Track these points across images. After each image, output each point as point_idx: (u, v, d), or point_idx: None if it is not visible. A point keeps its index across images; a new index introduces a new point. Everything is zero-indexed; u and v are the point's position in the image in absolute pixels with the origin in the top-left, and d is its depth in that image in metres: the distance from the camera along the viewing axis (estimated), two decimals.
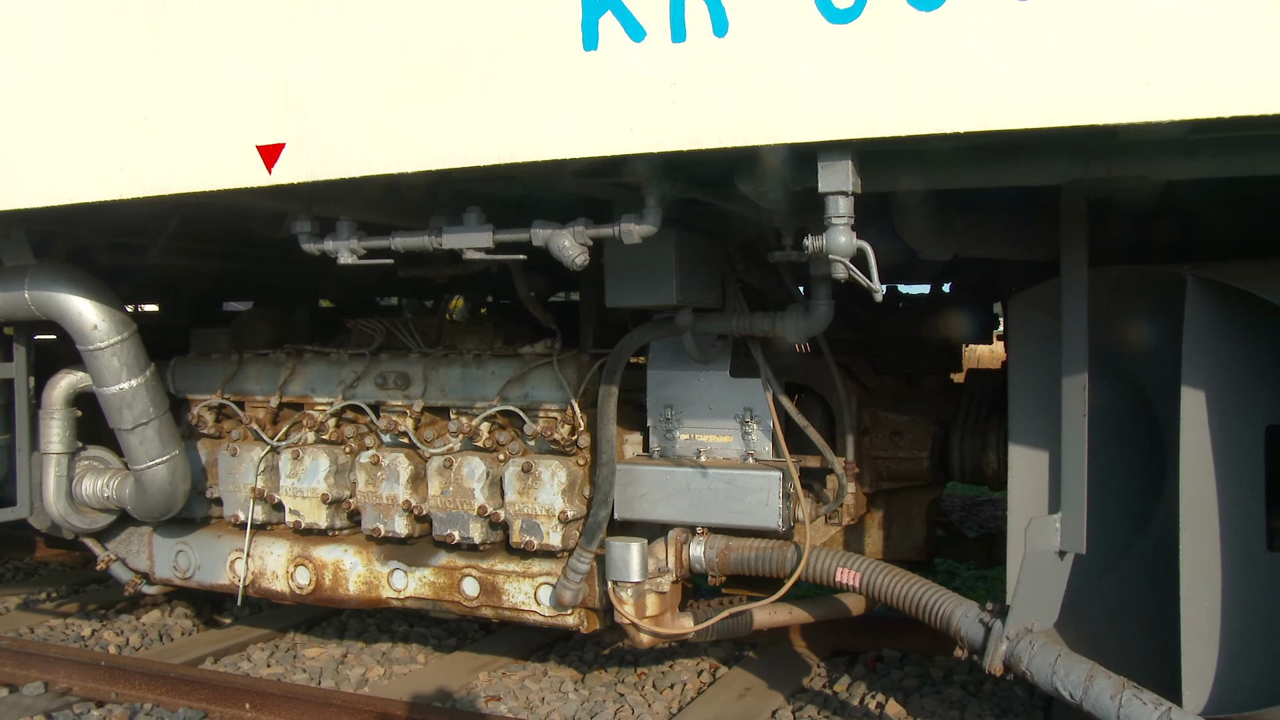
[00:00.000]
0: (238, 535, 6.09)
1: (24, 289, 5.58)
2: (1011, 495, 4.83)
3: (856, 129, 3.21)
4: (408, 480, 5.56)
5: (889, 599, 4.78)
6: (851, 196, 3.39)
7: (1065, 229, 4.37)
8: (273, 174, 4.01)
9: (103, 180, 4.39)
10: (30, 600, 8.10)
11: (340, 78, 3.86)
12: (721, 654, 6.60)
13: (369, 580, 5.76)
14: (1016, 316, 4.88)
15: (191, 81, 4.18)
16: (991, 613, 4.50)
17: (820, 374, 5.59)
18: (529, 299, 5.65)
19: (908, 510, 6.06)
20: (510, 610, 5.44)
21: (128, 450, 5.76)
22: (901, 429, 5.81)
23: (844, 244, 3.38)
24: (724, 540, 5.17)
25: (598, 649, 6.73)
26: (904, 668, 6.34)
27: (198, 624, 7.47)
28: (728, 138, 3.32)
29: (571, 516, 5.21)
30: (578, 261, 3.99)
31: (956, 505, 11.32)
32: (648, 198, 3.87)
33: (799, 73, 3.25)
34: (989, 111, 3.07)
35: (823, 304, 4.59)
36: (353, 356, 5.94)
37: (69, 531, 6.31)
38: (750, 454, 5.11)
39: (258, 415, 6.11)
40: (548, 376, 5.37)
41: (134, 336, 5.62)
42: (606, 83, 3.46)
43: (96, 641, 7.11)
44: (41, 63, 4.54)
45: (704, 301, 4.88)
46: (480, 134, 3.62)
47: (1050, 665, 4.25)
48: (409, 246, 4.28)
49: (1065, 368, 4.37)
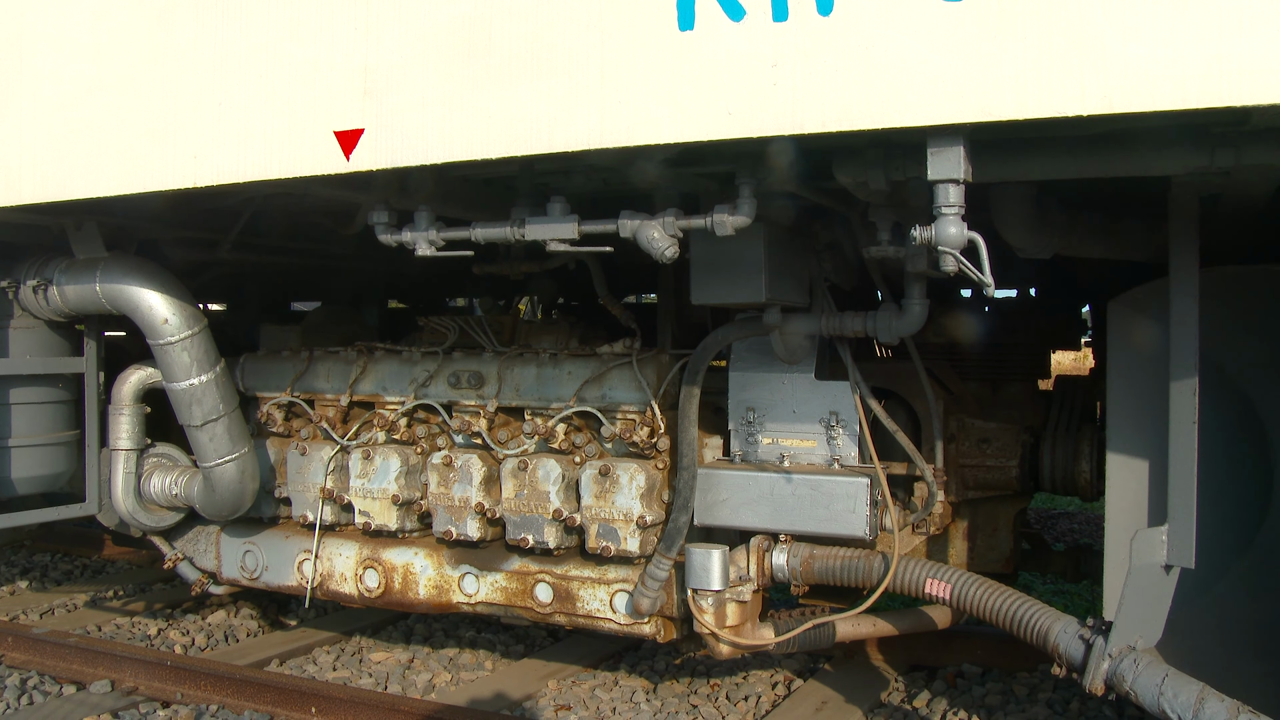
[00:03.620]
0: (306, 536, 5.99)
1: (95, 282, 5.53)
2: (1109, 507, 4.65)
3: (970, 113, 3.03)
4: (481, 482, 5.43)
5: (981, 612, 4.59)
6: (962, 185, 3.21)
7: (1175, 226, 4.16)
8: (351, 160, 3.88)
9: (177, 168, 4.29)
10: (98, 598, 8.09)
11: (422, 59, 3.72)
12: (796, 666, 6.43)
13: (439, 584, 5.63)
14: (1116, 320, 4.68)
15: (267, 65, 4.07)
16: (1092, 629, 4.29)
17: (906, 378, 5.42)
18: (607, 296, 5.50)
19: (994, 521, 5.86)
20: (584, 617, 5.29)
21: (197, 447, 5.68)
22: (989, 436, 5.62)
23: (954, 235, 3.20)
24: (808, 548, 5.00)
25: (669, 659, 6.57)
26: (986, 684, 6.14)
27: (263, 625, 7.40)
28: (832, 122, 3.15)
29: (650, 521, 5.05)
30: (667, 254, 3.84)
31: (1032, 517, 11.05)
32: (742, 187, 3.71)
33: (908, 52, 3.08)
34: (1115, 93, 2.88)
35: (917, 303, 4.42)
36: (425, 355, 5.81)
37: (136, 529, 6.25)
38: (835, 459, 4.94)
39: (327, 414, 6.00)
40: (626, 377, 5.21)
41: (204, 331, 5.55)
42: (703, 64, 3.30)
43: (163, 641, 7.06)
44: (114, 50, 4.46)
45: (791, 300, 4.71)
46: (569, 117, 3.47)
47: (1157, 685, 4.04)
48: (490, 238, 4.14)
49: (1174, 373, 4.16)
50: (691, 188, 4.41)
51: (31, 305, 5.78)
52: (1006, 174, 3.54)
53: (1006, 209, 4.18)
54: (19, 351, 5.81)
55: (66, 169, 4.62)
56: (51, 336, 5.95)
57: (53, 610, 7.84)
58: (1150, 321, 4.54)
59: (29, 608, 7.86)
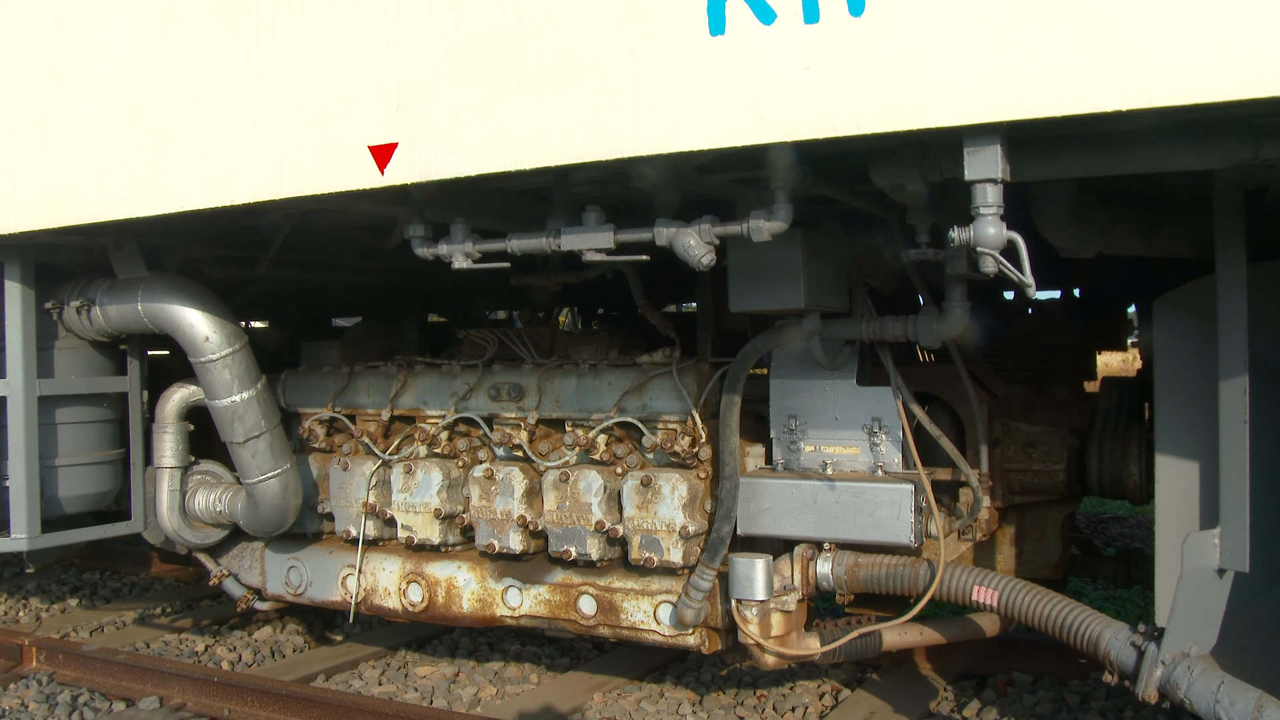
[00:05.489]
0: (349, 551, 5.99)
1: (137, 301, 5.57)
2: (1160, 510, 4.56)
3: (1006, 110, 2.99)
4: (522, 495, 5.41)
5: (1029, 619, 4.51)
6: (1000, 185, 3.15)
7: (1220, 222, 4.08)
8: (385, 175, 3.88)
9: (214, 187, 4.32)
10: (146, 615, 8.14)
11: (454, 71, 3.72)
12: (843, 676, 6.35)
13: (483, 598, 5.61)
14: (1162, 319, 4.59)
15: (301, 82, 4.09)
16: (1144, 635, 4.20)
17: (948, 382, 5.33)
18: (646, 306, 5.47)
19: (1041, 526, 5.76)
20: (629, 629, 5.26)
21: (240, 464, 5.70)
22: (1035, 440, 5.53)
23: (993, 235, 3.15)
24: (852, 556, 4.93)
25: (715, 670, 6.52)
26: (1037, 692, 6.04)
27: (309, 641, 7.41)
28: (867, 124, 3.11)
29: (693, 532, 5.01)
30: (704, 261, 3.80)
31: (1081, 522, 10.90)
32: (777, 192, 3.67)
33: (942, 51, 3.04)
34: (1155, 87, 2.82)
35: (958, 305, 4.36)
36: (465, 368, 5.81)
37: (182, 546, 6.28)
38: (879, 466, 4.88)
39: (369, 429, 6.01)
40: (667, 386, 5.18)
41: (245, 349, 5.57)
42: (735, 68, 3.27)
43: (210, 657, 7.08)
44: (150, 71, 4.50)
45: (831, 305, 4.67)
46: (601, 127, 3.46)
47: (1213, 693, 3.95)
48: (526, 249, 4.12)
49: (1223, 372, 4.07)
50: (728, 194, 4.38)
51: (75, 326, 5.83)
52: (1045, 172, 3.49)
53: (1046, 207, 4.12)
54: (64, 372, 5.85)
55: (104, 190, 4.66)
56: (95, 356, 6.00)
57: (102, 627, 7.91)
58: (1197, 320, 4.46)
59: (79, 625, 7.93)
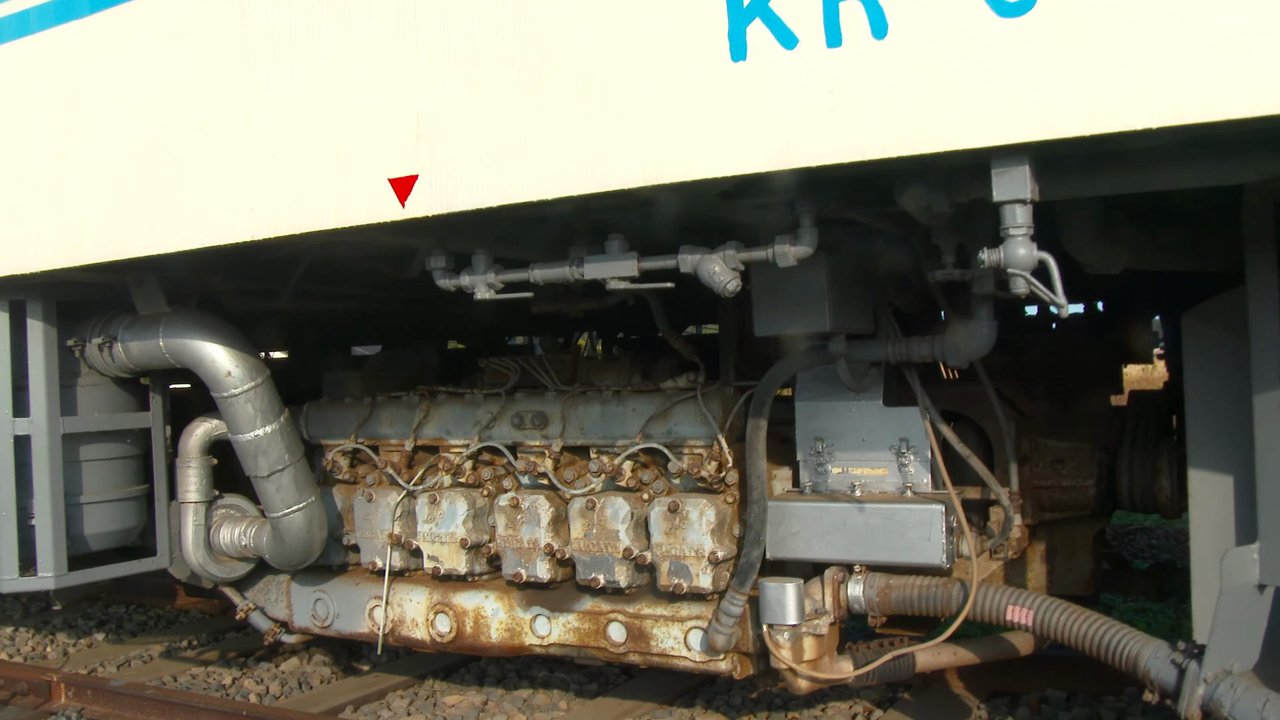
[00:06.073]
0: (375, 582, 5.97)
1: (159, 337, 5.57)
2: (1194, 525, 4.51)
3: (1034, 131, 2.95)
4: (549, 523, 5.38)
5: (1065, 638, 4.46)
6: (1030, 205, 3.12)
7: (1249, 235, 4.03)
8: (406, 207, 3.87)
9: (234, 222, 4.32)
10: (172, 648, 8.11)
11: (473, 102, 3.71)
12: (874, 696, 6.29)
13: (511, 627, 5.57)
14: (1191, 333, 4.55)
15: (319, 115, 4.09)
16: (1184, 652, 4.14)
17: (975, 400, 5.28)
18: (669, 331, 5.43)
19: (1072, 542, 5.70)
20: (659, 656, 5.21)
21: (264, 498, 5.68)
22: (1064, 456, 5.47)
23: (1024, 256, 3.12)
24: (884, 578, 4.88)
25: (745, 693, 6.46)
26: (1071, 709, 5.97)
27: (336, 671, 7.37)
28: (894, 147, 3.08)
29: (722, 557, 4.97)
30: (730, 288, 3.77)
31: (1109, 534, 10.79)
32: (802, 216, 3.64)
33: (967, 72, 3.01)
34: (1186, 104, 2.79)
35: (985, 324, 4.32)
36: (488, 397, 5.78)
37: (208, 581, 6.26)
38: (908, 487, 4.84)
39: (392, 459, 5.99)
40: (692, 411, 5.15)
41: (267, 382, 5.56)
42: (758, 94, 3.25)
43: (238, 690, 7.05)
44: (168, 108, 4.50)
45: (856, 327, 4.63)
46: (623, 155, 3.44)
47: (1258, 710, 3.89)
48: (549, 278, 4.10)
49: (1257, 386, 4.03)
50: (750, 219, 4.34)
51: (98, 362, 5.83)
52: (1073, 191, 3.45)
53: (1073, 225, 4.08)
54: (87, 409, 5.85)
55: (125, 227, 4.66)
56: (118, 392, 6.00)
57: (129, 662, 7.87)
58: (1227, 333, 4.42)
59: (106, 660, 7.90)
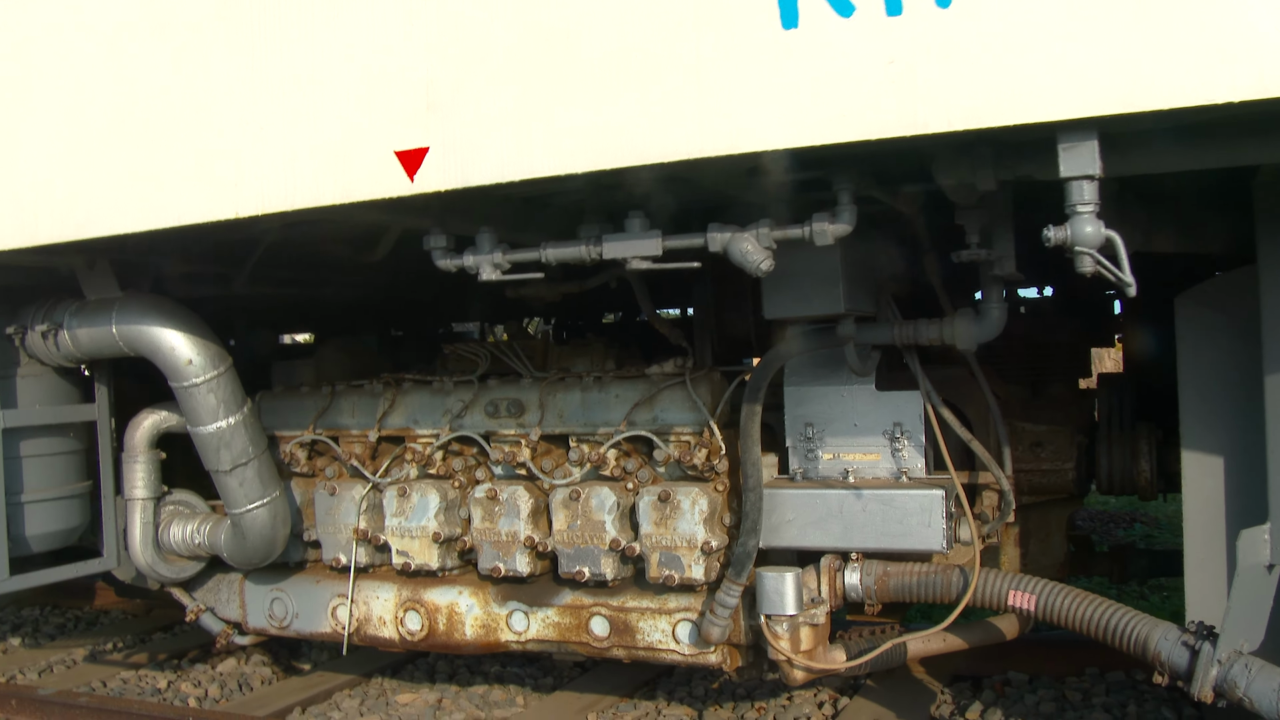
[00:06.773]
0: (338, 579, 5.71)
1: (111, 324, 5.23)
2: (1187, 507, 4.56)
3: (1107, 104, 2.87)
4: (529, 515, 5.19)
5: (1069, 622, 4.42)
6: (1097, 181, 3.04)
7: (1262, 217, 4.03)
8: (415, 182, 3.64)
9: (216, 198, 4.04)
10: (97, 651, 7.72)
11: (494, 67, 3.49)
12: (838, 683, 6.22)
13: (486, 623, 5.38)
14: (1185, 316, 4.56)
15: (314, 81, 3.82)
16: (1195, 634, 4.13)
17: (956, 384, 5.23)
18: (654, 315, 5.28)
19: (1046, 525, 5.72)
20: (645, 650, 5.07)
21: (226, 493, 5.40)
22: (1042, 439, 5.48)
23: (1091, 234, 3.03)
24: (881, 566, 4.81)
25: (706, 683, 6.36)
26: (1037, 691, 5.98)
27: (277, 671, 7.08)
28: (959, 120, 2.97)
29: (715, 547, 4.84)
30: (763, 267, 3.62)
31: None
32: (841, 194, 3.52)
33: (1036, 42, 2.92)
34: (1271, 76, 2.72)
35: (996, 307, 4.27)
36: (458, 384, 5.55)
37: (155, 582, 5.94)
38: (902, 472, 4.77)
39: (354, 450, 5.73)
40: (679, 397, 5.00)
41: (230, 371, 5.28)
42: (811, 64, 3.11)
43: (175, 694, 6.73)
44: (137, 74, 4.19)
45: (865, 310, 4.53)
46: (664, 126, 3.27)
47: (1274, 690, 3.90)
48: (562, 257, 3.91)
49: (1268, 368, 4.03)
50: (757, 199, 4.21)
51: (39, 351, 5.46)
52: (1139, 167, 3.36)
53: None
54: (28, 401, 5.49)
55: (87, 205, 4.34)
56: (60, 383, 5.64)
57: (51, 668, 7.46)
58: (1218, 316, 4.43)
59: (25, 666, 7.47)
